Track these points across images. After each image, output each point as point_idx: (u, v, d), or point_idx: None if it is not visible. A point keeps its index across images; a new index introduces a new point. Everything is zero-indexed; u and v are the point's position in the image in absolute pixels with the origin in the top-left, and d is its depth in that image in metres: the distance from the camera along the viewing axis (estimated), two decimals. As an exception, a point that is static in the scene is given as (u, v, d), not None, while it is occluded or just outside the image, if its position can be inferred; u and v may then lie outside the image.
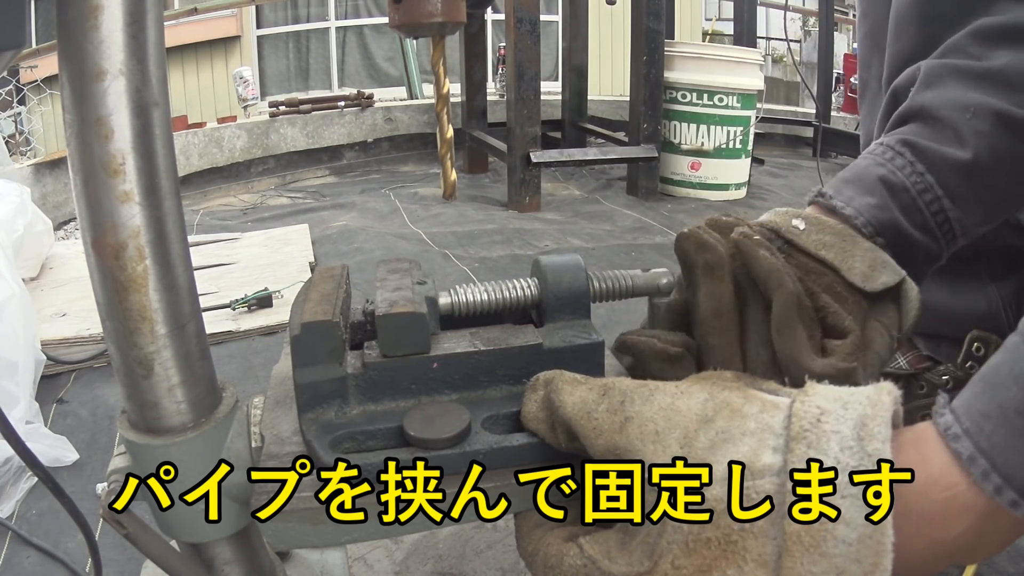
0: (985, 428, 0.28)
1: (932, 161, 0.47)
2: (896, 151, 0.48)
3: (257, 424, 0.43)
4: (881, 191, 0.46)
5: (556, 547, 0.33)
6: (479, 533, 0.82)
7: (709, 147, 2.74)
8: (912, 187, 0.47)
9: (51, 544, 0.83)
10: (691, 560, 0.29)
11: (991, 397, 0.29)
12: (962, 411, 0.30)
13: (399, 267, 0.44)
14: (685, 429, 0.31)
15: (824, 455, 0.28)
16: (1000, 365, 0.30)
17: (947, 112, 0.47)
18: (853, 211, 0.46)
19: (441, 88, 2.50)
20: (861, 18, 0.75)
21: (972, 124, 0.46)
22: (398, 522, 0.34)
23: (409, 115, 3.64)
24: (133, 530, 0.42)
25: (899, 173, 0.47)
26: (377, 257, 1.87)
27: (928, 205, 0.47)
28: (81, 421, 1.11)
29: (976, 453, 0.28)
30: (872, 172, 0.47)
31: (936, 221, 0.47)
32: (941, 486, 0.29)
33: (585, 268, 0.42)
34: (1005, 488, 0.27)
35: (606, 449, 0.32)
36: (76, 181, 0.36)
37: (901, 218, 0.46)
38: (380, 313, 0.37)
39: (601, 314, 1.50)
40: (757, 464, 0.29)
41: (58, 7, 0.34)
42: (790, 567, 0.27)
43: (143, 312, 0.38)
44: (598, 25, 4.64)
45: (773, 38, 7.28)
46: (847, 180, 0.48)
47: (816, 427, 0.29)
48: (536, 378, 0.37)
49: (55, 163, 2.47)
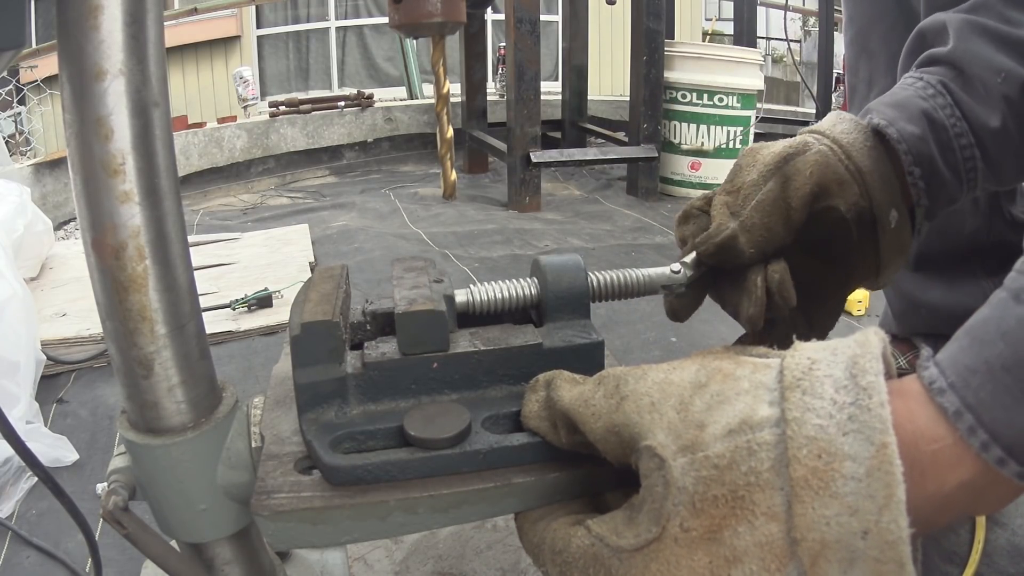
0: (972, 383, 0.28)
1: (967, 112, 0.48)
2: (936, 89, 0.49)
3: (257, 424, 0.43)
4: (924, 124, 0.47)
5: (563, 531, 0.33)
6: (479, 533, 0.83)
7: (709, 147, 2.73)
8: (950, 128, 0.48)
9: (51, 544, 0.83)
10: (700, 520, 0.28)
11: (978, 352, 0.28)
12: (947, 365, 0.29)
13: (415, 265, 0.45)
14: (680, 397, 0.31)
15: (820, 398, 0.27)
16: (987, 320, 0.29)
17: (978, 71, 0.48)
18: (896, 134, 0.47)
19: (441, 88, 2.50)
20: (847, 23, 0.75)
21: (1002, 88, 0.46)
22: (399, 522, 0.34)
23: (409, 115, 3.64)
24: (133, 530, 0.42)
25: (940, 112, 0.48)
26: (377, 257, 1.87)
27: (962, 149, 0.48)
28: (81, 421, 1.11)
29: (962, 408, 0.28)
30: (915, 103, 0.48)
31: (966, 167, 0.48)
32: (928, 439, 0.28)
33: (585, 268, 0.42)
34: (992, 445, 0.27)
35: (605, 430, 0.32)
36: (76, 181, 0.36)
37: (937, 154, 0.47)
38: (399, 311, 0.37)
39: (601, 314, 1.50)
40: (755, 418, 0.28)
41: (58, 7, 0.34)
42: (801, 514, 0.26)
43: (143, 312, 0.38)
44: (598, 25, 4.63)
45: (773, 38, 7.28)
46: (890, 103, 0.49)
47: (809, 375, 0.28)
48: (536, 379, 0.37)
49: (55, 163, 2.47)
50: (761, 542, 0.27)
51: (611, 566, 0.30)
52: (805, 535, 0.26)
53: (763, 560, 0.27)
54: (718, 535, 0.28)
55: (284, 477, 0.35)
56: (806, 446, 0.27)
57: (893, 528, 0.25)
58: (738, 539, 0.27)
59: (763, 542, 0.27)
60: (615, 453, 0.32)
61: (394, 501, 0.34)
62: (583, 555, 0.31)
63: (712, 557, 0.28)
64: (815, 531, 0.26)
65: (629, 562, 0.30)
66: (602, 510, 0.35)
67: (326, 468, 0.34)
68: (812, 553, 0.26)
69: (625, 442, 0.32)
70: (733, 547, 0.27)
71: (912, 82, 0.50)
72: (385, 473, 0.34)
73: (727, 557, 0.28)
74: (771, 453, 0.27)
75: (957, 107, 0.48)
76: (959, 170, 0.48)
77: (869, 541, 0.25)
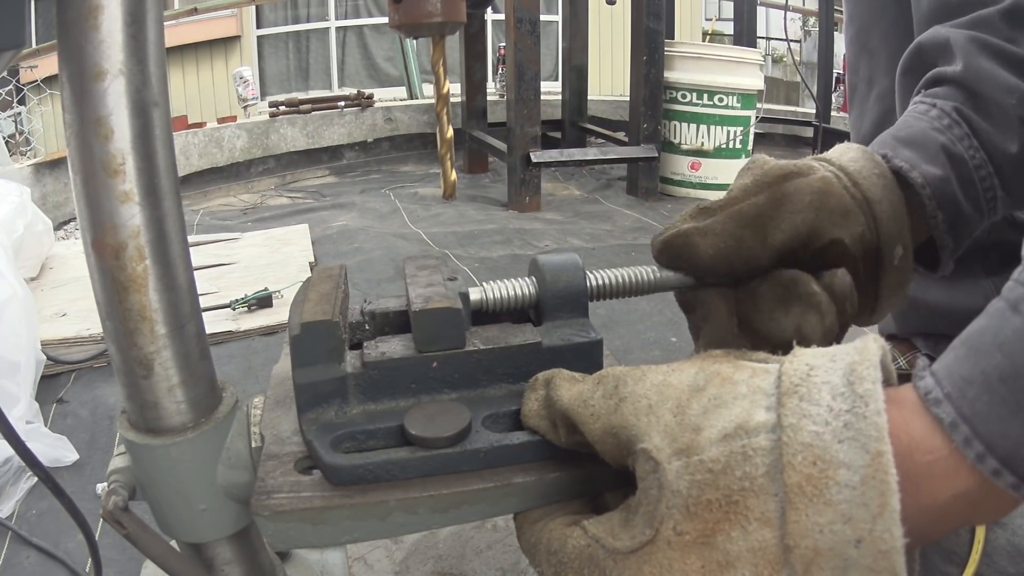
0: (968, 394, 0.28)
1: (984, 141, 0.47)
2: (952, 119, 0.47)
3: (257, 424, 0.43)
4: (944, 162, 0.46)
5: (559, 531, 0.33)
6: (479, 533, 0.83)
7: (709, 147, 2.74)
8: (969, 160, 0.46)
9: (51, 544, 0.83)
10: (693, 524, 0.28)
11: (974, 363, 0.28)
12: (943, 375, 0.29)
13: (427, 264, 0.45)
14: (677, 400, 0.31)
15: (816, 404, 0.27)
16: (984, 330, 0.29)
17: (992, 92, 0.46)
18: (920, 178, 0.45)
19: (441, 88, 2.50)
20: (848, 22, 0.75)
21: (1017, 110, 0.45)
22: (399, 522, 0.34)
23: (409, 115, 3.64)
24: (133, 530, 0.42)
25: (958, 144, 0.46)
26: (377, 257, 1.87)
27: (982, 180, 0.47)
28: (81, 421, 1.11)
29: (958, 419, 0.28)
30: (933, 139, 0.46)
31: (986, 198, 0.47)
32: (923, 450, 0.28)
33: (583, 267, 0.42)
34: (987, 456, 0.27)
35: (603, 431, 0.32)
36: (76, 181, 0.36)
37: (958, 191, 0.46)
38: (416, 309, 0.38)
39: (601, 314, 1.50)
40: (751, 423, 0.28)
41: (58, 7, 0.34)
42: (795, 521, 0.26)
43: (143, 312, 0.38)
44: (598, 25, 4.63)
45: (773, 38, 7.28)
46: (904, 141, 0.47)
47: (806, 381, 0.28)
48: (535, 378, 0.37)
49: (55, 163, 2.47)
50: (754, 548, 0.27)
51: (605, 567, 0.30)
52: (798, 542, 0.26)
53: (756, 566, 0.27)
54: (711, 539, 0.28)
55: (284, 477, 0.35)
56: (801, 452, 0.27)
57: (887, 537, 0.25)
58: (731, 544, 0.27)
59: (756, 548, 0.27)
60: (613, 455, 0.32)
61: (394, 501, 0.34)
62: (578, 556, 0.31)
63: (705, 561, 0.28)
64: (808, 538, 0.26)
65: (623, 564, 0.30)
66: (601, 511, 0.34)
67: (327, 468, 0.34)
68: (805, 561, 0.26)
69: (622, 444, 0.32)
70: (726, 552, 0.27)
71: (925, 110, 0.49)
72: (386, 472, 0.34)
73: (720, 562, 0.27)
74: (766, 459, 0.27)
75: (975, 136, 0.46)
76: (979, 201, 0.47)
77: (863, 550, 0.25)
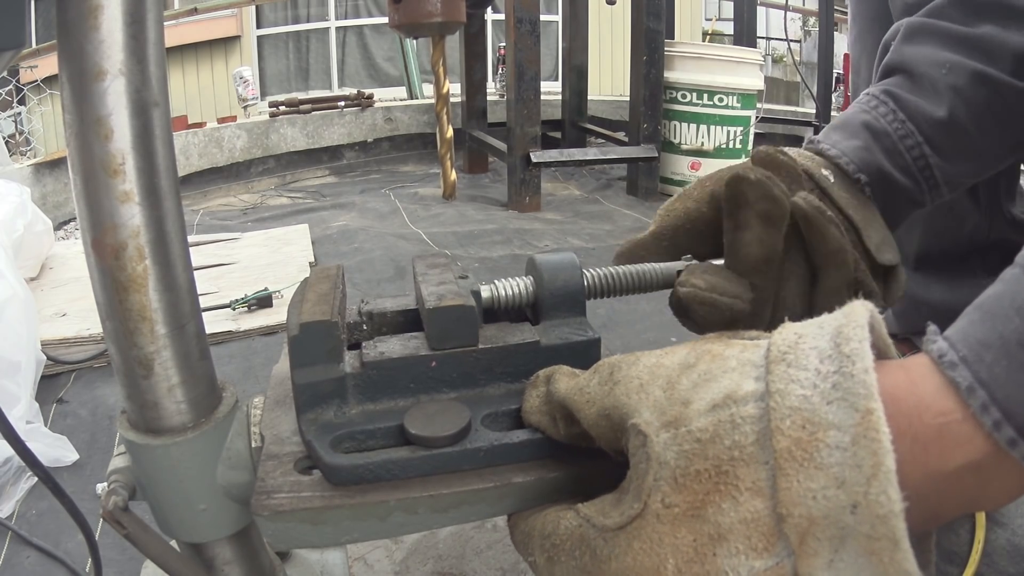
0: (985, 358, 0.26)
1: (911, 111, 0.49)
2: (880, 100, 0.51)
3: (257, 424, 0.43)
4: (865, 135, 0.49)
5: (552, 515, 0.33)
6: (479, 533, 0.83)
7: (709, 147, 2.74)
8: (893, 132, 0.49)
9: (51, 544, 0.83)
10: (682, 496, 0.27)
11: (991, 326, 0.27)
12: (958, 339, 0.28)
13: (437, 262, 0.45)
14: (668, 377, 0.31)
15: (804, 369, 0.27)
16: (1000, 295, 0.28)
17: (924, 67, 0.50)
18: (838, 152, 0.49)
19: (441, 88, 2.50)
20: (851, 22, 0.75)
21: (947, 79, 0.48)
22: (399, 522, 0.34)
23: (409, 115, 3.64)
24: (133, 530, 0.42)
25: (882, 120, 0.50)
26: (377, 257, 1.87)
27: (909, 150, 0.49)
28: (81, 421, 1.11)
29: (975, 384, 0.26)
30: (857, 118, 0.51)
31: (918, 166, 0.50)
32: (934, 411, 0.27)
33: (580, 265, 0.42)
34: (1004, 424, 0.26)
35: (598, 415, 0.32)
36: (76, 181, 0.36)
37: (884, 160, 0.49)
38: (429, 307, 0.38)
39: (601, 314, 1.50)
40: (739, 392, 0.28)
41: (58, 7, 0.34)
42: (786, 488, 0.25)
43: (143, 312, 0.38)
44: (598, 25, 4.64)
45: (773, 38, 7.29)
46: (835, 127, 0.52)
47: (794, 348, 0.28)
48: (537, 375, 0.38)
49: (55, 163, 2.47)
50: (746, 519, 0.26)
51: (596, 546, 0.30)
52: (791, 510, 0.25)
53: (749, 538, 0.26)
54: (701, 512, 0.27)
55: (284, 477, 0.35)
56: (789, 416, 0.26)
57: (883, 500, 0.23)
58: (722, 516, 0.26)
59: (748, 519, 0.26)
60: (607, 438, 0.32)
61: (394, 501, 0.34)
62: (570, 536, 0.31)
63: (696, 535, 0.27)
64: (801, 506, 0.25)
65: (613, 541, 0.29)
66: None
67: (327, 468, 0.34)
68: (799, 530, 0.25)
69: (615, 425, 0.31)
70: (717, 524, 0.27)
71: (859, 100, 0.52)
72: (387, 472, 0.34)
73: (711, 535, 0.27)
74: (755, 426, 0.27)
75: (901, 110, 0.50)
76: (911, 171, 0.49)
77: (859, 515, 0.24)
